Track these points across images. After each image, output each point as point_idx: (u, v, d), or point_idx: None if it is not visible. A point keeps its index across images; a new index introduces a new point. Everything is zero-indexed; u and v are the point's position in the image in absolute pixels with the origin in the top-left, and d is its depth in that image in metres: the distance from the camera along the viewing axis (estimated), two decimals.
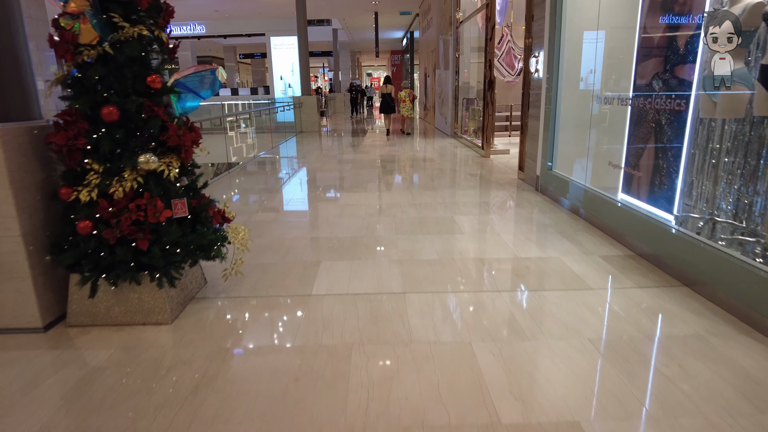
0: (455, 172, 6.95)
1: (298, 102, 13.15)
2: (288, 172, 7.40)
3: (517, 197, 5.20)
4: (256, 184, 6.44)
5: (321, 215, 4.61)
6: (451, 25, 10.99)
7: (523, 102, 6.08)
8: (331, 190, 5.82)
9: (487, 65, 7.84)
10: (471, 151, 8.85)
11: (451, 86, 11.33)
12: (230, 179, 6.71)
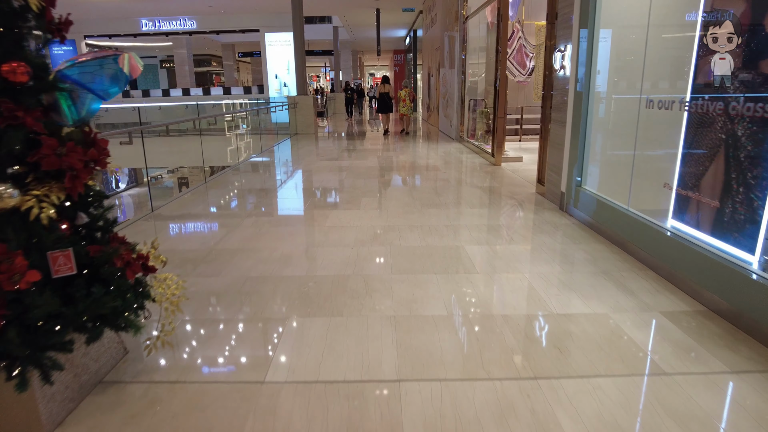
0: (462, 183, 6.11)
1: (293, 102, 12.33)
2: (272, 183, 6.57)
3: (539, 218, 4.35)
4: (231, 199, 5.61)
5: (301, 243, 3.77)
6: (458, 20, 10.15)
7: (543, 105, 5.23)
8: (319, 207, 4.98)
9: (498, 63, 7.00)
10: (479, 158, 8.01)
11: (457, 86, 10.49)
12: (206, 190, 5.89)
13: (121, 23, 14.34)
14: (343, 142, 11.09)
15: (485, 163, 7.43)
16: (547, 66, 5.11)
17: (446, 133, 12.01)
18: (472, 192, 5.58)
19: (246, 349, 2.21)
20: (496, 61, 7.10)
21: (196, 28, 14.30)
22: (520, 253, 3.44)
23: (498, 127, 7.15)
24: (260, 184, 6.41)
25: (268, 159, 8.61)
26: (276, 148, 10.03)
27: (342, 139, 11.82)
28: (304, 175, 6.94)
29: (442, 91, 12.48)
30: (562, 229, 3.98)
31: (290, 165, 8.01)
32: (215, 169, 7.48)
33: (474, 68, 10.18)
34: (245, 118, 10.39)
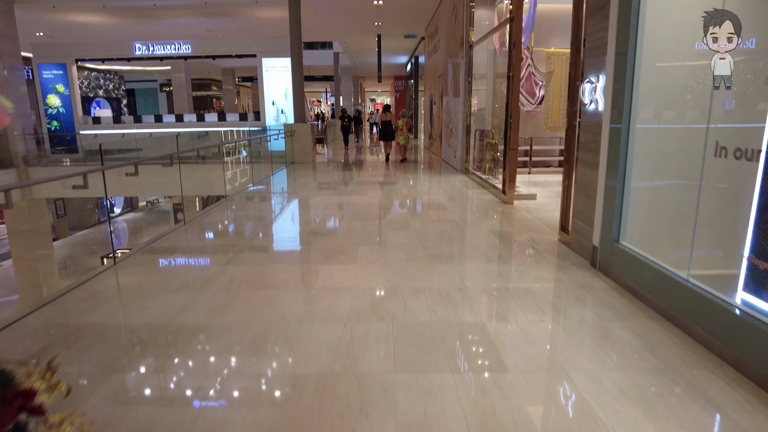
0: (473, 227, 5.43)
1: (290, 130, 11.78)
2: (259, 225, 5.89)
3: (569, 279, 3.65)
4: (208, 247, 4.92)
5: (282, 315, 3.06)
6: (463, 47, 9.68)
7: (567, 143, 4.60)
8: (309, 258, 4.29)
9: (510, 92, 6.42)
10: (488, 194, 7.35)
11: (462, 116, 9.95)
12: (185, 232, 5.21)
13: (114, 47, 13.95)
14: (341, 173, 10.48)
15: (495, 201, 6.77)
16: (571, 99, 4.50)
17: (450, 164, 11.43)
18: (485, 239, 4.89)
19: None
20: (507, 90, 6.53)
21: (191, 52, 13.91)
22: (557, 334, 2.73)
23: (509, 160, 6.53)
24: (246, 226, 5.73)
25: (259, 193, 7.96)
26: (270, 179, 9.40)
27: (340, 170, 11.22)
28: (296, 214, 6.27)
29: (446, 119, 11.96)
30: (600, 296, 3.27)
31: (282, 201, 7.35)
32: (208, 200, 6.83)
33: (481, 97, 9.66)
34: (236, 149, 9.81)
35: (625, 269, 3.42)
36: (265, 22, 14.20)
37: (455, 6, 10.29)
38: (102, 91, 28.80)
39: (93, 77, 27.81)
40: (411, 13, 14.02)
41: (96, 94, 28.25)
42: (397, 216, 5.86)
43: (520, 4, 6.02)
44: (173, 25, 14.46)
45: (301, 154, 12.07)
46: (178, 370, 2.37)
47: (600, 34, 3.75)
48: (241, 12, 13.40)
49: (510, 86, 6.39)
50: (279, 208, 6.77)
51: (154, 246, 4.67)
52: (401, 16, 14.41)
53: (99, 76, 28.42)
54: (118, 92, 30.60)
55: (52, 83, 14.57)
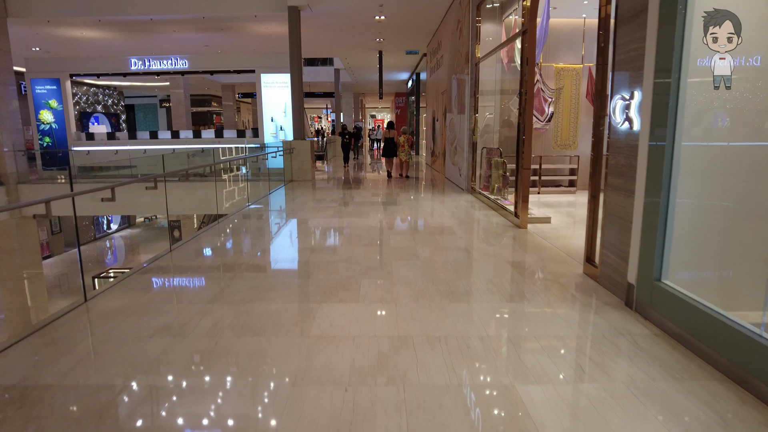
0: (487, 256, 4.95)
1: (289, 147, 11.38)
2: (252, 253, 5.42)
3: (605, 324, 3.16)
4: (192, 282, 4.44)
5: (270, 376, 2.56)
6: (468, 62, 9.34)
7: (593, 165, 4.16)
8: (306, 296, 3.80)
9: (524, 109, 6.01)
10: (497, 216, 6.89)
11: (467, 133, 9.55)
12: (170, 261, 4.73)
13: (109, 62, 13.66)
14: (341, 192, 10.03)
15: (507, 225, 6.31)
16: (596, 118, 4.08)
17: (454, 182, 11.00)
18: (502, 271, 4.41)
19: None
20: (520, 106, 6.12)
21: (188, 67, 13.60)
22: (604, 402, 2.23)
23: (522, 180, 6.08)
24: (237, 255, 5.25)
25: (255, 213, 7.50)
26: (268, 199, 8.95)
27: (341, 188, 10.78)
28: (293, 240, 5.80)
29: (450, 137, 11.58)
30: (644, 346, 2.78)
31: (278, 223, 6.88)
32: (205, 217, 6.36)
33: (488, 114, 9.28)
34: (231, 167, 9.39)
35: (670, 313, 2.94)
36: (264, 38, 13.95)
37: (460, 21, 9.99)
38: (101, 107, 28.64)
39: (91, 93, 27.66)
40: (413, 29, 13.77)
41: (94, 109, 28.07)
42: (402, 241, 5.39)
43: (534, 16, 5.65)
44: (171, 40, 14.20)
45: (301, 171, 11.66)
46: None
47: (635, 44, 3.33)
48: (239, 27, 13.14)
49: (523, 102, 5.98)
50: (274, 232, 6.30)
51: (134, 277, 4.19)
52: (403, 32, 14.17)
53: (98, 92, 28.26)
54: (117, 108, 30.46)
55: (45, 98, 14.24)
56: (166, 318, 3.28)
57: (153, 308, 3.48)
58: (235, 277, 4.17)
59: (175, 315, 3.34)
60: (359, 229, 6.02)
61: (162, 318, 3.28)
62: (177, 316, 3.30)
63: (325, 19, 12.62)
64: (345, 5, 11.24)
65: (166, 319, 3.27)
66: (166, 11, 11.28)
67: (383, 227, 6.19)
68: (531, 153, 6.03)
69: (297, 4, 10.73)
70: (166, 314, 3.35)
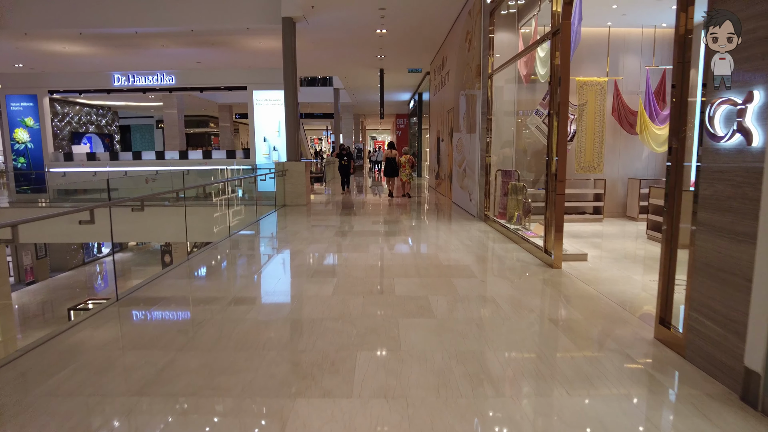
0: (522, 311, 3.83)
1: (282, 169, 10.39)
2: (221, 307, 4.32)
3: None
4: (103, 370, 3.33)
5: None
6: (480, 76, 8.43)
7: (670, 196, 3.09)
8: (270, 387, 2.69)
9: (557, 128, 5.00)
10: (521, 251, 5.82)
11: (479, 154, 8.57)
12: (117, 316, 3.63)
13: (92, 78, 12.81)
14: (338, 219, 8.97)
15: (536, 264, 5.22)
16: (673, 131, 3.04)
17: (463, 208, 9.96)
18: (547, 336, 3.30)
19: None
20: (551, 121, 5.11)
21: (175, 83, 12.75)
22: None
23: (556, 208, 5.03)
24: (197, 308, 4.14)
25: (236, 245, 6.42)
26: (255, 227, 7.89)
27: (338, 214, 9.72)
28: (271, 287, 4.70)
29: (458, 158, 10.60)
30: None
31: (261, 262, 5.80)
32: (164, 256, 5.27)
33: (502, 132, 8.31)
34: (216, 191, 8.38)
35: None
36: (257, 54, 13.14)
37: (469, 32, 9.12)
38: (93, 127, 27.88)
39: (84, 112, 26.93)
40: (416, 44, 12.97)
41: (87, 129, 27.30)
42: (410, 287, 4.30)
43: (569, 13, 4.69)
44: (159, 56, 13.40)
45: (294, 195, 10.63)
46: None
47: (753, 23, 2.32)
48: (231, 41, 12.33)
49: (556, 120, 4.97)
50: (248, 275, 5.21)
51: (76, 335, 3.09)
52: (406, 48, 13.36)
53: (90, 111, 27.54)
54: (110, 128, 29.71)
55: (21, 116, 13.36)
56: (104, 410, 2.17)
57: (46, 406, 2.36)
58: (184, 348, 3.06)
59: (76, 420, 2.22)
60: (356, 269, 4.93)
61: (94, 407, 2.17)
62: (77, 424, 2.19)
63: (323, 33, 11.82)
64: (344, 16, 10.41)
65: (101, 412, 2.15)
66: (152, 24, 10.46)
67: (385, 266, 5.10)
68: (565, 175, 4.99)
69: (292, 15, 9.90)
70: (63, 417, 2.24)
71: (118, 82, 12.79)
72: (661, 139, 8.11)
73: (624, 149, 8.83)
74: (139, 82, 12.77)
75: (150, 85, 12.71)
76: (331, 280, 4.53)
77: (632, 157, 8.81)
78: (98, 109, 28.02)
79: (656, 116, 8.17)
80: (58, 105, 24.72)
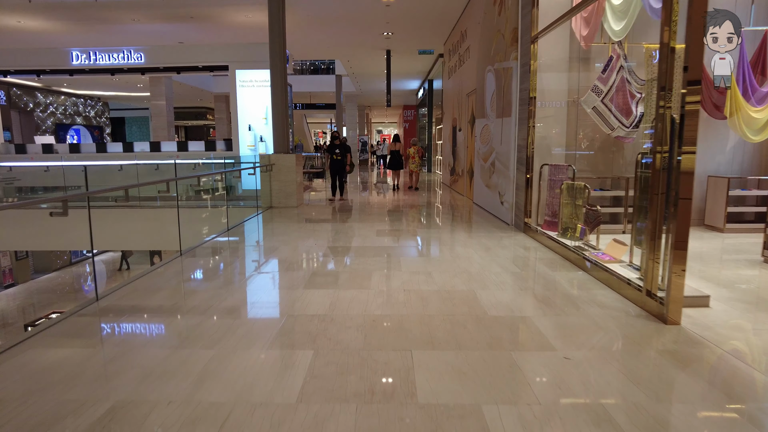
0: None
1: (268, 163, 8.52)
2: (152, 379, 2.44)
3: None
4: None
5: None
6: (517, 42, 6.49)
7: None
8: None
9: (684, 105, 3.08)
10: (596, 285, 3.91)
11: (516, 143, 6.65)
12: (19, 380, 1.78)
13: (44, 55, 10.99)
14: (334, 229, 7.09)
15: (634, 313, 3.30)
16: None
17: (490, 211, 8.04)
18: None
19: None
20: (665, 87, 3.19)
21: (144, 63, 10.89)
22: None
23: (678, 220, 3.10)
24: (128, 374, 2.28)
25: (193, 266, 4.57)
26: (229, 237, 6.03)
27: (334, 221, 7.83)
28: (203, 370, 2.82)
29: (482, 150, 8.66)
30: None
31: (201, 309, 3.92)
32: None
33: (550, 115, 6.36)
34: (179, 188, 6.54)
35: None
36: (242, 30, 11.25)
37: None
38: (81, 119, 26.16)
39: (69, 103, 25.20)
40: (430, 16, 10.99)
41: (73, 121, 25.59)
42: (444, 381, 2.42)
43: None
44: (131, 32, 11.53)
45: (283, 195, 8.76)
46: None
47: None
48: (212, 15, 10.42)
49: (681, 98, 3.05)
50: (214, 312, 3.34)
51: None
52: (416, 22, 11.40)
53: (77, 102, 25.82)
54: (100, 120, 27.99)
55: None
56: None
57: None
58: None
59: None
60: (349, 328, 3.05)
61: None
62: None
63: (318, 7, 9.89)
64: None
65: None
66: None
67: (396, 319, 3.22)
68: (694, 167, 3.05)
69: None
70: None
71: (77, 61, 10.94)
72: (758, 123, 6.14)
73: (702, 138, 6.84)
74: (102, 60, 10.91)
75: (116, 64, 10.86)
76: (304, 356, 2.64)
77: (713, 149, 6.83)
78: (86, 99, 26.30)
79: (752, 94, 6.18)
80: (41, 94, 23.07)
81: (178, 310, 3.43)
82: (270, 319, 3.23)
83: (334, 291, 3.77)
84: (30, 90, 22.36)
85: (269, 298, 3.74)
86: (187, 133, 39.03)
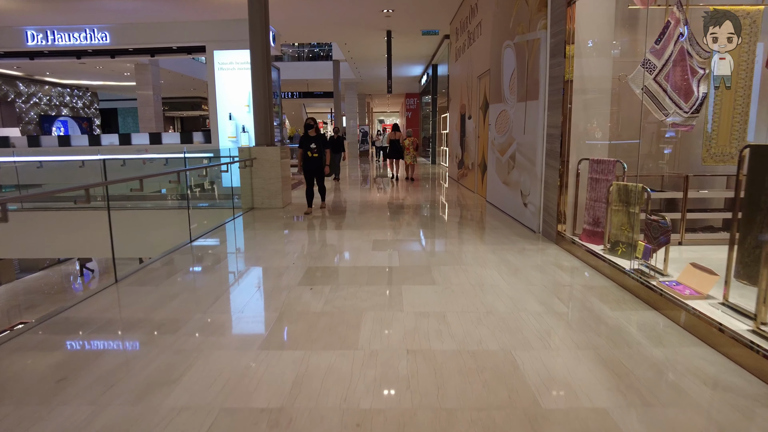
0: None
1: (248, 158, 7.31)
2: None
3: None
4: None
5: None
6: (546, 7, 5.23)
7: None
8: None
9: None
10: (678, 332, 2.72)
11: (544, 132, 5.42)
12: None
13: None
14: (321, 239, 5.89)
15: (756, 392, 2.11)
16: None
17: (509, 213, 6.82)
18: None
19: None
20: None
21: (110, 43, 9.62)
22: None
23: None
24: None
25: (124, 303, 3.40)
26: (190, 252, 4.85)
27: (324, 227, 6.62)
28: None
29: (499, 141, 7.41)
30: None
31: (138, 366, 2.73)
32: None
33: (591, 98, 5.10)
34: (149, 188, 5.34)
35: None
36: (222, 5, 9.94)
37: None
38: (67, 110, 24.92)
39: (55, 93, 23.95)
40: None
41: (59, 112, 24.35)
42: None
43: None
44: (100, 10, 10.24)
45: (266, 194, 7.56)
46: None
47: None
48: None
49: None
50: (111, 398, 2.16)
51: None
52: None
53: (63, 92, 24.55)
54: (89, 111, 26.75)
55: None
56: None
57: None
58: None
59: None
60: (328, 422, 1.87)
61: None
62: None
63: None
64: None
65: None
66: None
67: (397, 424, 2.03)
68: None
69: None
70: None
71: (32, 41, 9.70)
72: None
73: None
74: (61, 41, 9.66)
75: (77, 45, 9.61)
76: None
77: None
78: (72, 89, 25.05)
79: None
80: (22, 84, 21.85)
81: (54, 392, 2.24)
82: (190, 420, 2.05)
83: (304, 354, 2.57)
84: (9, 79, 21.11)
85: (201, 374, 2.52)
86: (183, 124, 37.82)
